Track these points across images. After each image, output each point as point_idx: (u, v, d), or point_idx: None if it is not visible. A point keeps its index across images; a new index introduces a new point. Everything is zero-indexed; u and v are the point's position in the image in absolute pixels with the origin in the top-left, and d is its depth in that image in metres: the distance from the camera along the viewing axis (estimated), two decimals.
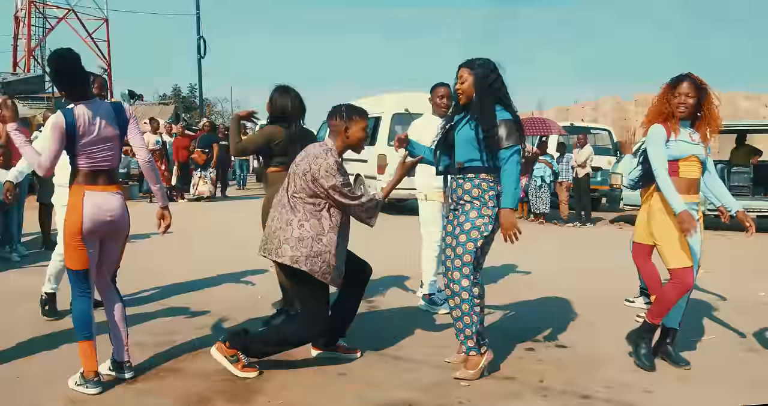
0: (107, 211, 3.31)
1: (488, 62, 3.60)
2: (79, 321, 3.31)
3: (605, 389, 3.47)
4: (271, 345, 3.56)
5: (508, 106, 3.58)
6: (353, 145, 3.67)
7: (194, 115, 31.80)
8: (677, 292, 3.72)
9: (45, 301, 4.66)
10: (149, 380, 3.45)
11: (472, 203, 3.54)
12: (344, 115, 3.61)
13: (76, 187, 3.29)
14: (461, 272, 3.54)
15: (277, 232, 3.51)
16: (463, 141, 3.58)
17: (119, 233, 3.45)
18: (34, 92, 23.26)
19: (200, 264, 6.77)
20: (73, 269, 3.30)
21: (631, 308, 5.27)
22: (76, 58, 3.30)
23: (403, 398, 3.26)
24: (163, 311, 4.87)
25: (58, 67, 3.28)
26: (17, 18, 33.83)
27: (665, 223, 3.75)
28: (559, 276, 6.52)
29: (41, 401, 3.13)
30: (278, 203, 3.61)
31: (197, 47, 24.67)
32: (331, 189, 3.45)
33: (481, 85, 3.53)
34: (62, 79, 3.30)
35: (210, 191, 14.44)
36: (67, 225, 3.26)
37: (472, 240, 3.51)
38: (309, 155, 3.54)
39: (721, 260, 7.56)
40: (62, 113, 3.22)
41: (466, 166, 3.57)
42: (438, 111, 5.11)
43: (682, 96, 3.72)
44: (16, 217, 7.00)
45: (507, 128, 3.48)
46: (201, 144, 14.32)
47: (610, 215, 13.39)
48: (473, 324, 3.55)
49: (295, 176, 3.53)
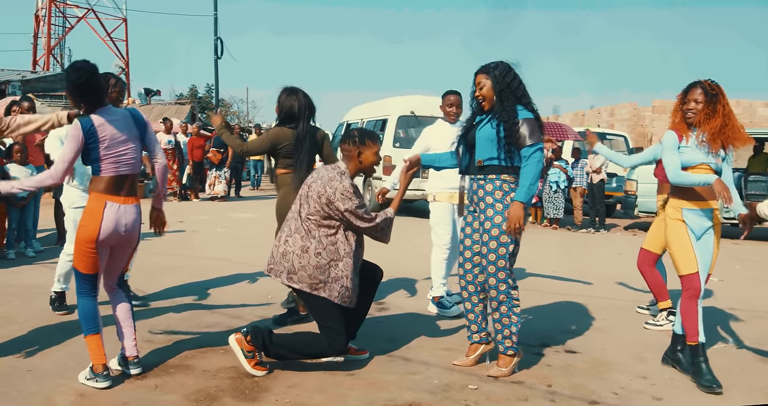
0: (124, 224, 3.35)
1: (503, 64, 3.62)
2: (84, 317, 3.34)
3: (614, 395, 3.44)
4: (291, 352, 3.56)
5: (528, 105, 3.61)
6: (366, 169, 3.74)
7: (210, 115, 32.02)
8: (691, 300, 3.70)
9: (54, 299, 4.70)
10: (157, 375, 3.47)
11: (494, 207, 3.55)
12: (356, 141, 3.67)
13: (98, 195, 3.30)
14: (497, 278, 3.57)
15: (289, 256, 3.54)
16: (485, 139, 3.60)
17: (131, 242, 3.49)
18: (52, 90, 23.50)
19: (211, 262, 6.80)
20: (81, 272, 3.32)
21: (642, 315, 5.23)
22: (94, 70, 3.29)
23: (410, 400, 3.25)
24: (172, 308, 4.90)
25: (78, 82, 3.24)
26: (37, 17, 34.24)
27: (676, 229, 3.74)
28: (570, 281, 6.48)
29: (52, 395, 3.16)
30: (290, 225, 3.62)
31: (214, 48, 24.75)
32: (347, 212, 3.50)
33: (500, 86, 3.56)
34: (82, 92, 3.28)
35: (224, 191, 14.51)
36: (82, 231, 3.27)
37: (503, 245, 3.54)
38: (322, 178, 3.57)
39: (733, 267, 7.49)
40: (80, 122, 3.24)
41: (486, 164, 3.59)
42: (448, 118, 5.13)
43: (690, 102, 3.73)
44: (32, 213, 7.08)
45: (529, 127, 3.51)
46: (216, 144, 14.40)
47: (624, 221, 13.30)
48: (512, 325, 3.62)
49: (309, 199, 3.56)
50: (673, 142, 3.73)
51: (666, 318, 4.80)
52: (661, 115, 23.75)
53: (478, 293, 3.76)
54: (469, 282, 3.75)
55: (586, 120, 27.19)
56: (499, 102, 3.56)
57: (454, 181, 4.97)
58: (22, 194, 6.81)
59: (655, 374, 3.81)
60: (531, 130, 3.50)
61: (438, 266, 5.08)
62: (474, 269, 3.73)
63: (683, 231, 3.72)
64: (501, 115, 3.53)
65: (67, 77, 3.29)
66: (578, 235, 11.22)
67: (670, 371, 3.86)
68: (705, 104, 3.67)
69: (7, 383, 3.30)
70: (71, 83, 3.26)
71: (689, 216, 3.73)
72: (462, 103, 5.11)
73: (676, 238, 3.74)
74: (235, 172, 15.55)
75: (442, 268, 5.06)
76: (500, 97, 3.56)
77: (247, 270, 6.36)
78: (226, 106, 34.30)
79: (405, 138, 11.90)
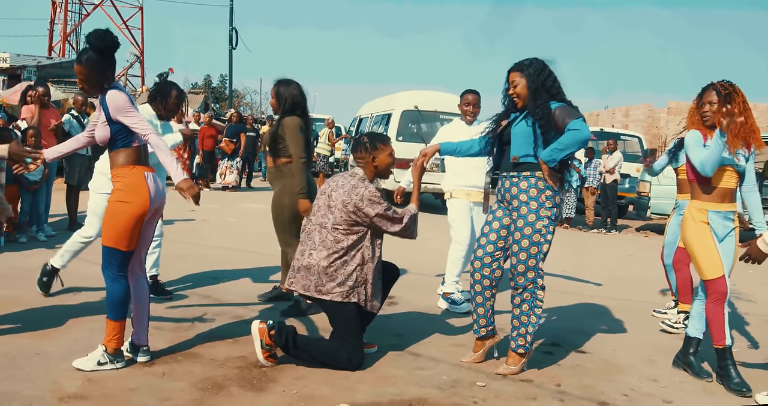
0: (162, 191, 3.42)
1: (537, 61, 3.58)
2: (121, 302, 3.33)
3: (623, 397, 3.41)
4: (310, 357, 3.53)
5: (562, 101, 3.56)
6: (382, 172, 3.76)
7: (223, 105, 32.03)
8: (717, 304, 3.66)
9: (48, 272, 4.64)
10: (165, 363, 3.46)
11: (529, 205, 3.51)
12: (368, 147, 3.69)
13: (135, 168, 3.30)
14: (526, 276, 3.55)
15: (314, 268, 3.53)
16: (521, 136, 3.56)
17: (162, 208, 3.51)
18: (67, 76, 23.53)
19: (221, 252, 6.80)
20: (122, 250, 3.29)
21: (657, 317, 5.19)
22: (115, 38, 3.30)
23: (418, 396, 3.22)
24: (181, 296, 4.90)
25: (105, 46, 3.24)
26: (54, 3, 34.44)
27: (701, 232, 3.69)
28: (580, 281, 6.43)
29: (59, 379, 3.16)
30: (313, 237, 3.60)
31: (229, 38, 24.82)
32: (376, 217, 3.52)
33: (535, 85, 3.52)
34: (107, 58, 3.27)
35: (236, 181, 14.53)
36: (129, 208, 3.25)
37: (535, 244, 3.51)
38: (344, 187, 3.57)
39: (746, 272, 7.41)
40: (122, 90, 3.28)
41: (521, 161, 3.56)
42: (465, 118, 5.10)
43: (705, 104, 3.72)
44: (44, 197, 7.10)
45: (565, 110, 3.47)
46: (228, 134, 14.40)
47: (636, 223, 13.21)
48: (530, 324, 3.58)
49: (332, 208, 3.55)
50: (698, 140, 3.71)
51: (683, 322, 4.74)
52: (676, 116, 23.55)
53: (492, 287, 3.72)
54: (485, 276, 3.70)
55: (600, 120, 27.01)
56: (533, 100, 3.52)
57: (470, 178, 4.96)
58: (34, 178, 6.84)
59: (666, 377, 3.77)
60: (568, 113, 3.46)
61: (454, 264, 5.05)
62: (493, 263, 3.69)
63: (708, 234, 3.67)
64: (535, 113, 3.49)
65: (91, 44, 3.24)
66: (589, 235, 11.16)
67: (680, 374, 3.82)
68: (720, 105, 3.65)
69: (16, 365, 3.30)
70: (103, 47, 3.24)
71: (714, 218, 3.68)
72: (480, 102, 5.07)
73: (701, 241, 3.68)
74: (246, 163, 15.55)
75: (459, 265, 5.04)
76: (534, 96, 3.52)
77: (257, 260, 6.35)
78: (239, 97, 34.34)
79: (408, 132, 12.02)
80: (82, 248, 4.69)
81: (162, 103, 4.61)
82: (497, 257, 3.69)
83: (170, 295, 4.83)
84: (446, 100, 12.19)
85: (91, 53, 3.25)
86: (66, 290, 4.79)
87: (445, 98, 12.39)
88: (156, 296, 4.73)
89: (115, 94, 3.24)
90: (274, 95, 4.64)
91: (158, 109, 4.62)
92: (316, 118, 21.10)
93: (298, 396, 3.13)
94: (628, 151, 15.37)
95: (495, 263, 3.69)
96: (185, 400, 3.00)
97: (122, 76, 32.89)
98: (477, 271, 3.72)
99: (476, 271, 3.72)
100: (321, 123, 19.59)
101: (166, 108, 4.63)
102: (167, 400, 2.99)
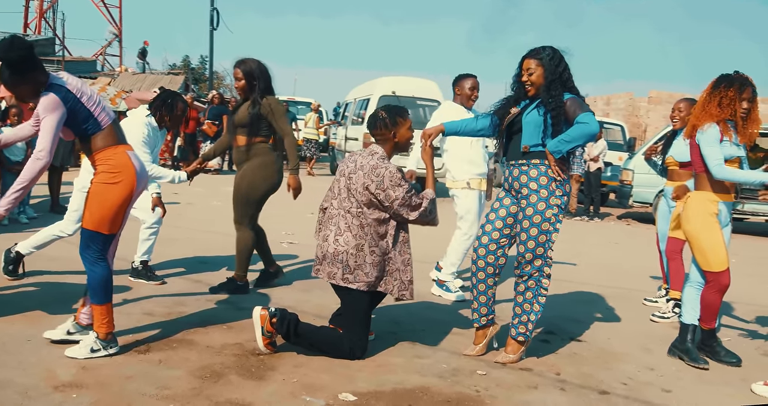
0: (144, 170, 3.34)
1: (554, 51, 3.53)
2: (105, 285, 3.25)
3: (623, 386, 3.42)
4: (310, 345, 3.47)
5: (572, 90, 3.54)
6: (402, 145, 3.68)
7: (202, 87, 31.56)
8: (717, 293, 3.72)
9: (13, 259, 4.49)
10: (160, 350, 3.39)
11: (538, 193, 3.47)
12: (388, 123, 3.60)
13: (117, 148, 3.22)
14: (532, 264, 3.52)
15: (342, 256, 3.44)
16: (532, 125, 3.51)
17: (141, 192, 3.39)
18: (44, 55, 23.03)
19: (209, 236, 6.71)
20: (107, 233, 3.21)
21: (648, 306, 5.22)
22: (30, 44, 3.10)
23: (417, 384, 3.19)
24: (172, 282, 4.82)
25: (19, 55, 3.00)
26: None
27: (710, 225, 3.69)
28: (572, 269, 6.45)
29: (53, 367, 3.07)
30: (338, 223, 3.50)
31: (210, 19, 24.35)
32: (397, 202, 3.43)
33: (552, 76, 3.47)
34: (31, 65, 3.06)
35: (218, 164, 14.34)
36: (118, 188, 3.17)
37: (544, 232, 3.47)
38: (363, 168, 3.47)
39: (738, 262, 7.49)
40: (52, 92, 3.04)
41: (532, 150, 3.51)
42: (466, 104, 5.04)
43: (745, 102, 3.68)
44: None
45: (576, 103, 3.46)
46: (211, 116, 14.18)
47: (617, 210, 13.31)
48: (532, 313, 3.56)
49: (354, 192, 3.47)
50: (717, 136, 3.68)
51: (672, 310, 4.78)
52: (656, 106, 23.73)
53: (495, 275, 3.69)
54: (489, 264, 3.66)
55: None
56: (547, 91, 3.47)
57: (483, 166, 4.95)
58: (17, 159, 6.66)
59: (662, 366, 3.79)
60: (578, 105, 3.45)
61: (457, 255, 5.01)
62: (498, 250, 3.66)
63: (717, 227, 3.69)
64: (549, 103, 3.45)
65: (5, 58, 3.01)
66: (572, 222, 11.20)
67: (677, 363, 3.84)
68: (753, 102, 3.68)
69: (7, 351, 3.21)
70: (11, 62, 3.01)
71: (723, 209, 3.71)
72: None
73: (711, 234, 3.69)
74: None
75: (460, 258, 5.00)
76: (549, 87, 3.47)
77: None
78: (219, 79, 33.83)
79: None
80: (53, 241, 4.57)
81: (167, 114, 4.57)
82: (503, 244, 3.66)
83: (162, 280, 4.73)
84: (424, 86, 12.40)
85: (8, 71, 3.05)
86: (54, 273, 4.68)
87: (423, 84, 12.72)
88: (147, 282, 4.65)
89: (42, 100, 3.06)
90: (243, 76, 4.48)
91: (162, 119, 4.58)
92: (299, 102, 20.92)
93: (299, 385, 3.08)
94: (610, 139, 15.44)
95: (500, 250, 3.66)
96: (184, 389, 2.94)
97: (100, 55, 32.32)
98: (481, 258, 3.67)
99: (480, 258, 3.68)
100: (304, 106, 19.44)
101: (170, 119, 4.61)
102: (166, 388, 2.92)
